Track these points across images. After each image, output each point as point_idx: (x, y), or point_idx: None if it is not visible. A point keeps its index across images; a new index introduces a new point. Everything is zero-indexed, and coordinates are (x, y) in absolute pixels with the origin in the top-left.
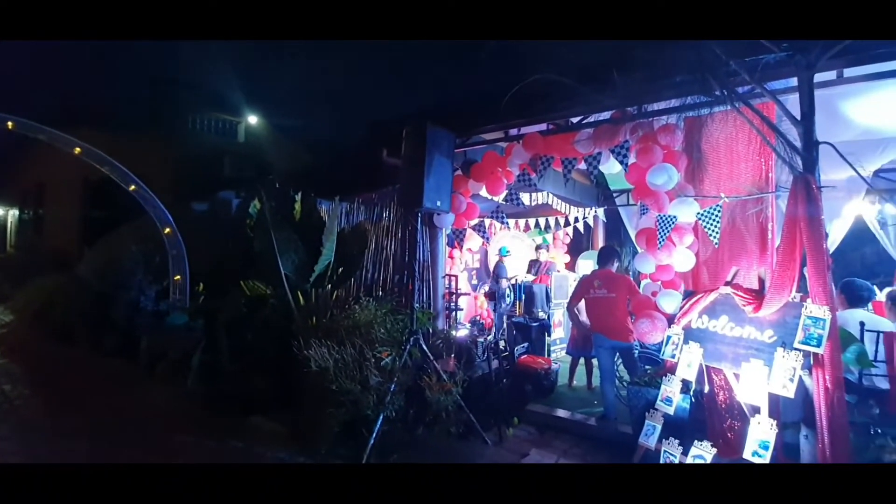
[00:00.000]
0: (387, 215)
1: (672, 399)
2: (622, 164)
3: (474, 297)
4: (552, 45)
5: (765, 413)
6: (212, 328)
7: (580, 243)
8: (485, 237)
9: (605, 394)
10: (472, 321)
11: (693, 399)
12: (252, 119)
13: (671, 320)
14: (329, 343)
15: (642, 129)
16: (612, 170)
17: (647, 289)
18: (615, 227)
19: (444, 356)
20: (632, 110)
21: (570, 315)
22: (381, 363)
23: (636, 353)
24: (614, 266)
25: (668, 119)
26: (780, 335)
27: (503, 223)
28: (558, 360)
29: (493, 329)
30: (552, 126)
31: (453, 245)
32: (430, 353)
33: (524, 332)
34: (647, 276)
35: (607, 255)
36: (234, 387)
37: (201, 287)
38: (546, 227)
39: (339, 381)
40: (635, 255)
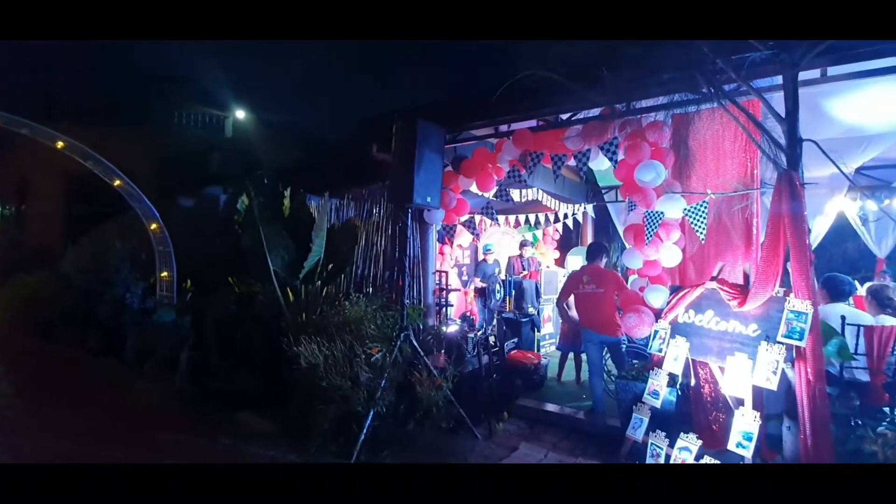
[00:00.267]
0: (377, 211)
1: (659, 392)
2: (611, 160)
3: (464, 293)
4: (542, 43)
5: (749, 405)
6: (200, 325)
7: (569, 239)
8: (475, 233)
9: (593, 388)
10: (463, 317)
11: (679, 392)
12: (240, 114)
13: (658, 315)
14: (319, 339)
15: (631, 125)
16: (600, 166)
17: (635, 284)
18: (604, 224)
19: (435, 352)
20: (620, 107)
21: (560, 311)
22: (372, 359)
23: (624, 348)
24: (603, 262)
25: (655, 116)
26: (763, 329)
27: (493, 219)
28: (548, 355)
29: (482, 325)
30: (542, 122)
31: (443, 241)
32: (420, 349)
33: (514, 328)
34: (635, 272)
35: (596, 251)
36: (223, 384)
37: (189, 284)
38: (536, 223)
39: (329, 378)
40: (623, 251)
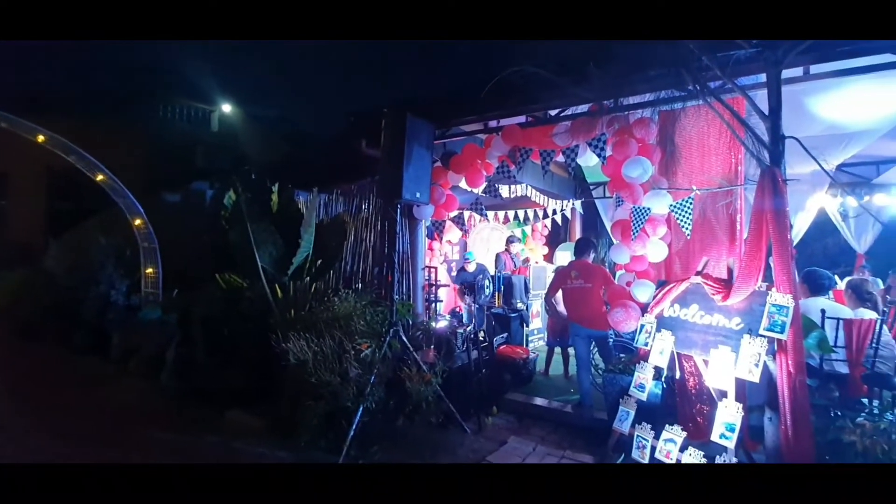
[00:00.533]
0: (366, 207)
1: (645, 385)
2: (599, 156)
3: (454, 289)
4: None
5: (732, 397)
6: (186, 322)
7: (558, 235)
8: (464, 229)
9: (581, 381)
10: (452, 312)
11: (665, 385)
12: (226, 108)
13: (645, 309)
14: (308, 336)
15: (618, 122)
16: (588, 162)
17: (622, 279)
18: (592, 220)
19: (424, 347)
20: (608, 104)
21: (548, 305)
22: (361, 355)
23: (611, 342)
24: (590, 257)
25: (642, 113)
26: (746, 322)
27: (482, 215)
28: (536, 349)
29: (469, 320)
30: (531, 119)
31: (433, 237)
32: (409, 345)
33: (503, 323)
34: (623, 267)
35: (584, 246)
36: (211, 381)
37: (174, 280)
38: (525, 219)
39: (318, 374)
40: (611, 247)
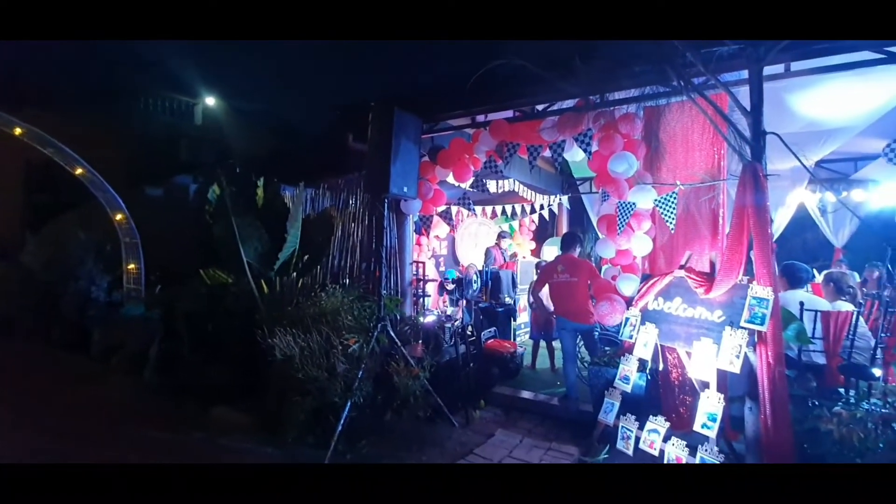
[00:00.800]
0: (353, 202)
1: (629, 377)
2: (585, 151)
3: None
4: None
5: (713, 388)
6: (170, 319)
7: (545, 230)
8: (451, 224)
9: (567, 374)
10: (448, 316)
11: (649, 377)
12: (210, 100)
13: (629, 303)
14: (295, 331)
15: (604, 117)
16: (575, 157)
17: (607, 273)
18: (579, 215)
19: (412, 342)
20: (594, 99)
21: (535, 299)
22: (349, 350)
23: (597, 335)
24: (576, 251)
25: (628, 108)
26: (728, 315)
27: (470, 210)
28: (524, 343)
29: (454, 315)
30: (518, 113)
31: (420, 232)
32: (397, 340)
33: (491, 318)
34: (608, 262)
35: (570, 241)
36: (196, 378)
37: (158, 276)
38: (512, 214)
39: (305, 370)
40: (597, 241)
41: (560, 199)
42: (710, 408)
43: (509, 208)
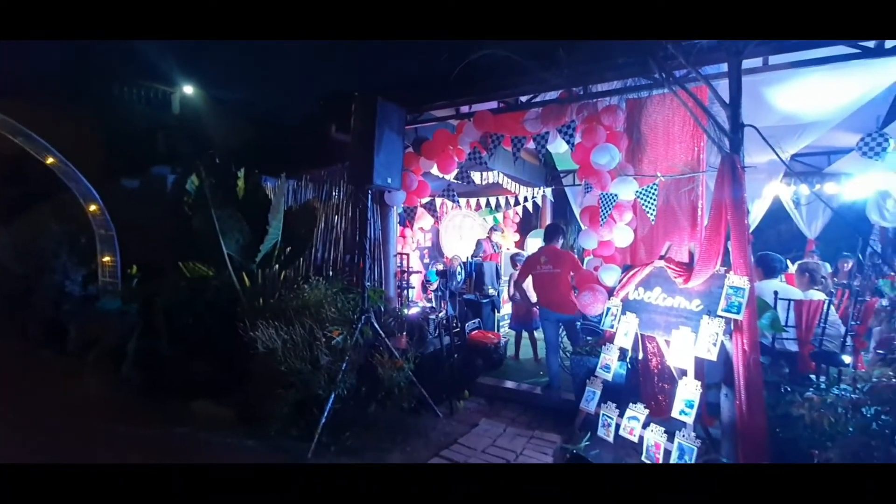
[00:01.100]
0: (336, 193)
1: (610, 366)
2: (568, 143)
3: (421, 283)
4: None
5: (691, 375)
6: (149, 312)
7: (529, 222)
8: (435, 216)
9: (549, 364)
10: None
11: (629, 365)
12: (187, 89)
13: (611, 293)
14: (277, 324)
15: (587, 109)
16: (558, 149)
17: (590, 265)
18: (562, 207)
19: (397, 334)
20: (577, 91)
21: (518, 290)
22: (332, 342)
23: (579, 325)
24: (559, 243)
25: (610, 100)
26: (705, 304)
27: (454, 202)
28: (507, 334)
29: (437, 307)
30: (502, 105)
31: (405, 224)
32: (381, 331)
33: (475, 309)
34: (591, 253)
35: (553, 232)
36: (176, 372)
37: (135, 269)
38: (497, 206)
39: (288, 362)
40: (580, 233)
41: (544, 191)
42: (687, 394)
43: (493, 200)
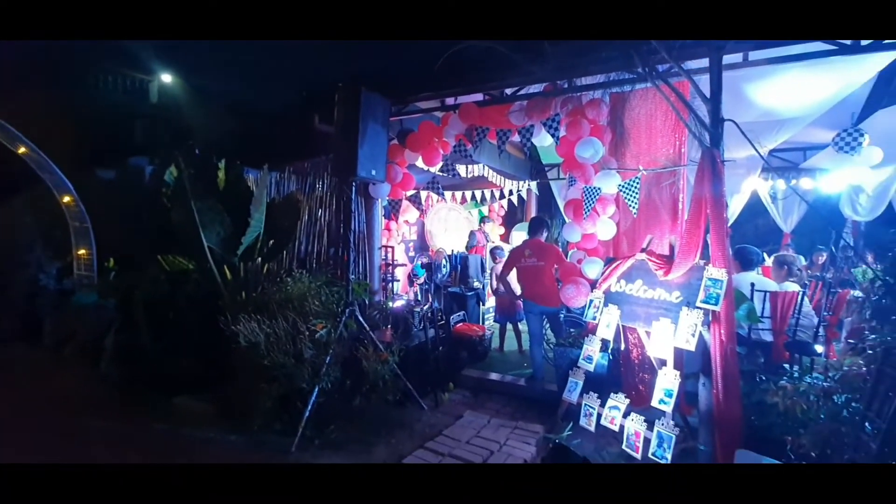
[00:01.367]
0: (320, 185)
1: (592, 357)
2: (553, 136)
3: (407, 276)
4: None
5: (670, 365)
6: (127, 307)
7: (514, 215)
8: (421, 209)
9: (533, 356)
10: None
11: (611, 356)
12: (166, 78)
13: (594, 285)
14: (260, 317)
15: (572, 103)
16: (543, 142)
17: (573, 257)
18: (547, 200)
19: (381, 327)
20: (562, 84)
21: (503, 283)
22: (316, 336)
23: (562, 317)
24: (544, 236)
25: (594, 94)
26: (685, 296)
27: (440, 195)
28: (492, 327)
29: (423, 299)
30: (487, 97)
31: (390, 217)
32: (366, 324)
33: (460, 302)
34: (574, 246)
35: (537, 226)
36: (156, 367)
37: (112, 263)
38: (482, 199)
39: (271, 356)
40: (564, 226)
41: (529, 184)
42: (666, 384)
43: (479, 194)
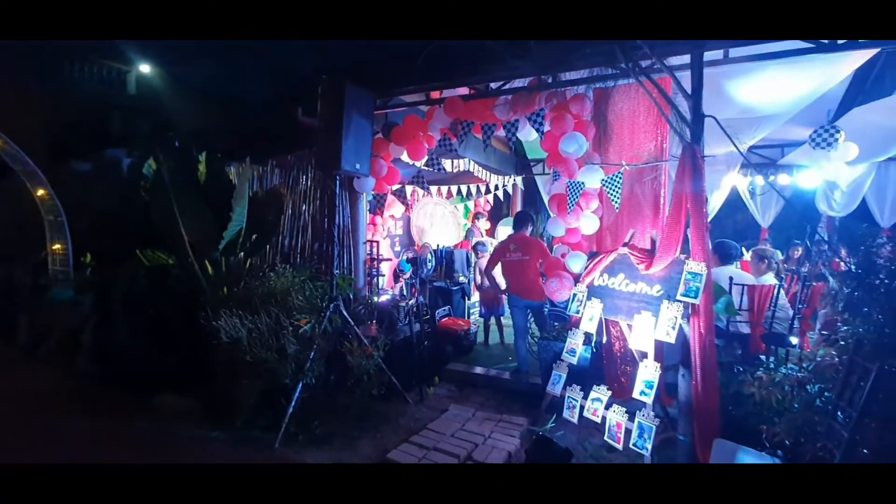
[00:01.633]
0: (304, 179)
1: (576, 350)
2: (538, 131)
3: (393, 271)
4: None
5: (651, 357)
6: (104, 302)
7: (500, 210)
8: (406, 203)
9: (518, 349)
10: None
11: (594, 349)
12: (144, 68)
13: (577, 279)
14: (242, 313)
15: (556, 98)
16: (528, 137)
17: (558, 252)
18: (532, 195)
19: (367, 321)
20: (546, 79)
21: (488, 277)
22: (300, 331)
23: (546, 311)
24: (528, 230)
25: (578, 89)
26: (665, 289)
27: (425, 189)
28: (477, 321)
29: (408, 294)
30: (473, 91)
31: (375, 212)
32: (350, 319)
33: (445, 296)
34: (559, 241)
35: (522, 220)
36: (135, 364)
37: (89, 258)
38: (468, 194)
39: (253, 352)
40: (549, 220)
41: (514, 179)
42: (647, 376)
43: (465, 189)
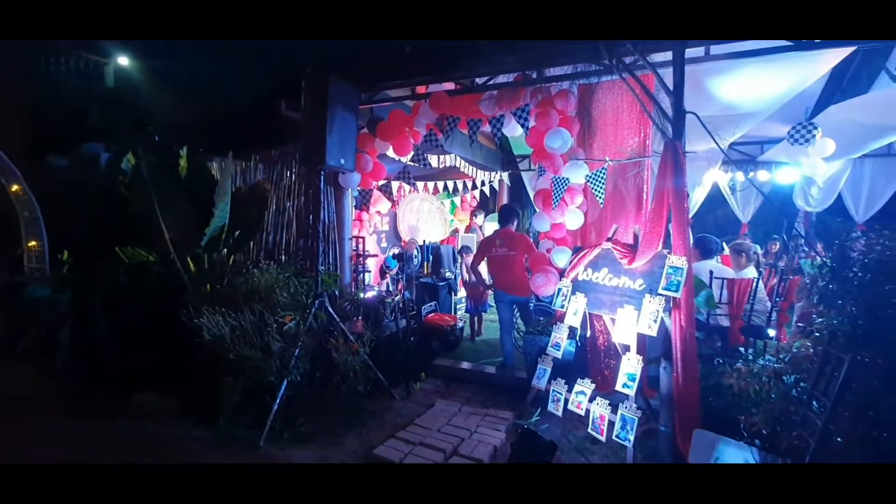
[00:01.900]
0: (288, 174)
1: (560, 344)
2: (523, 126)
3: (379, 268)
4: None
5: (634, 350)
6: (83, 300)
7: (486, 206)
8: (392, 199)
9: (503, 344)
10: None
11: (578, 343)
12: (122, 60)
13: (562, 274)
14: (225, 310)
15: (541, 93)
16: (514, 133)
17: (543, 247)
18: (518, 191)
19: (353, 318)
20: (531, 74)
21: (474, 273)
22: (285, 328)
23: (532, 306)
24: (514, 225)
25: (562, 85)
26: (648, 283)
27: (412, 185)
28: (464, 317)
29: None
30: (458, 86)
31: (360, 207)
32: (336, 316)
33: (431, 292)
34: (544, 236)
35: (507, 215)
36: (115, 363)
37: (66, 255)
38: (454, 190)
39: (237, 349)
40: (534, 216)
41: (501, 175)
42: (630, 369)
43: (451, 184)
